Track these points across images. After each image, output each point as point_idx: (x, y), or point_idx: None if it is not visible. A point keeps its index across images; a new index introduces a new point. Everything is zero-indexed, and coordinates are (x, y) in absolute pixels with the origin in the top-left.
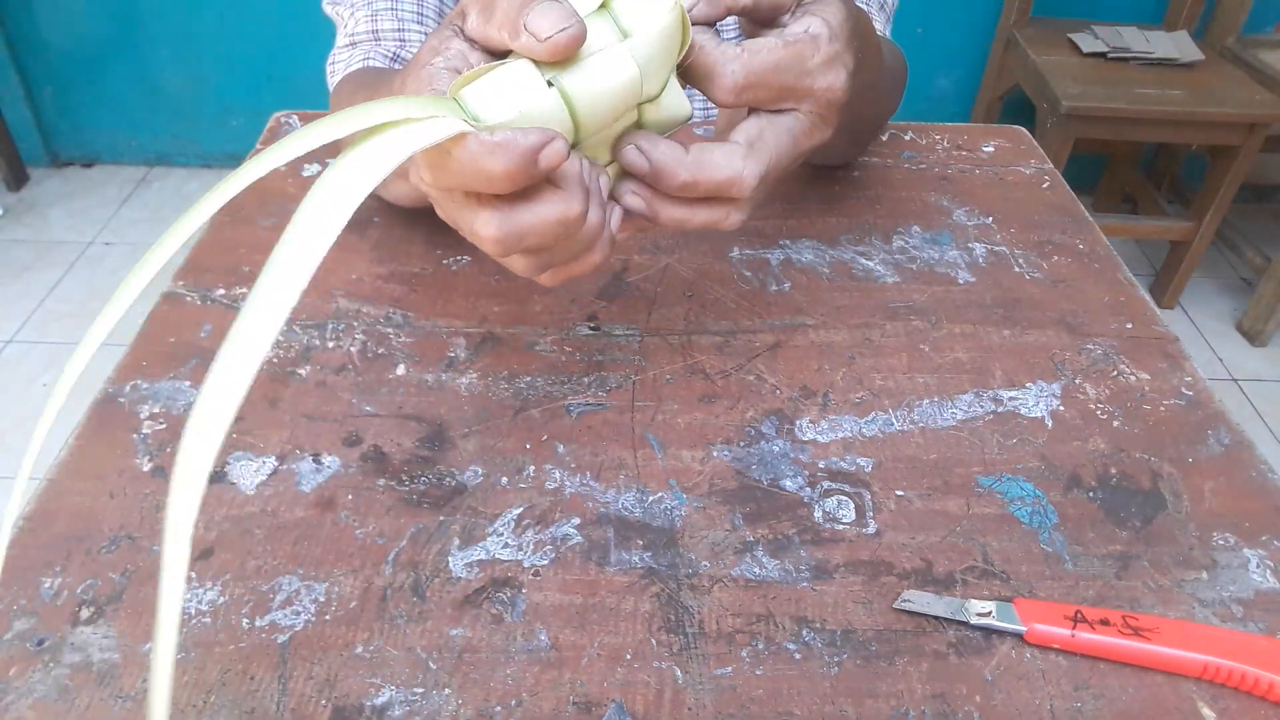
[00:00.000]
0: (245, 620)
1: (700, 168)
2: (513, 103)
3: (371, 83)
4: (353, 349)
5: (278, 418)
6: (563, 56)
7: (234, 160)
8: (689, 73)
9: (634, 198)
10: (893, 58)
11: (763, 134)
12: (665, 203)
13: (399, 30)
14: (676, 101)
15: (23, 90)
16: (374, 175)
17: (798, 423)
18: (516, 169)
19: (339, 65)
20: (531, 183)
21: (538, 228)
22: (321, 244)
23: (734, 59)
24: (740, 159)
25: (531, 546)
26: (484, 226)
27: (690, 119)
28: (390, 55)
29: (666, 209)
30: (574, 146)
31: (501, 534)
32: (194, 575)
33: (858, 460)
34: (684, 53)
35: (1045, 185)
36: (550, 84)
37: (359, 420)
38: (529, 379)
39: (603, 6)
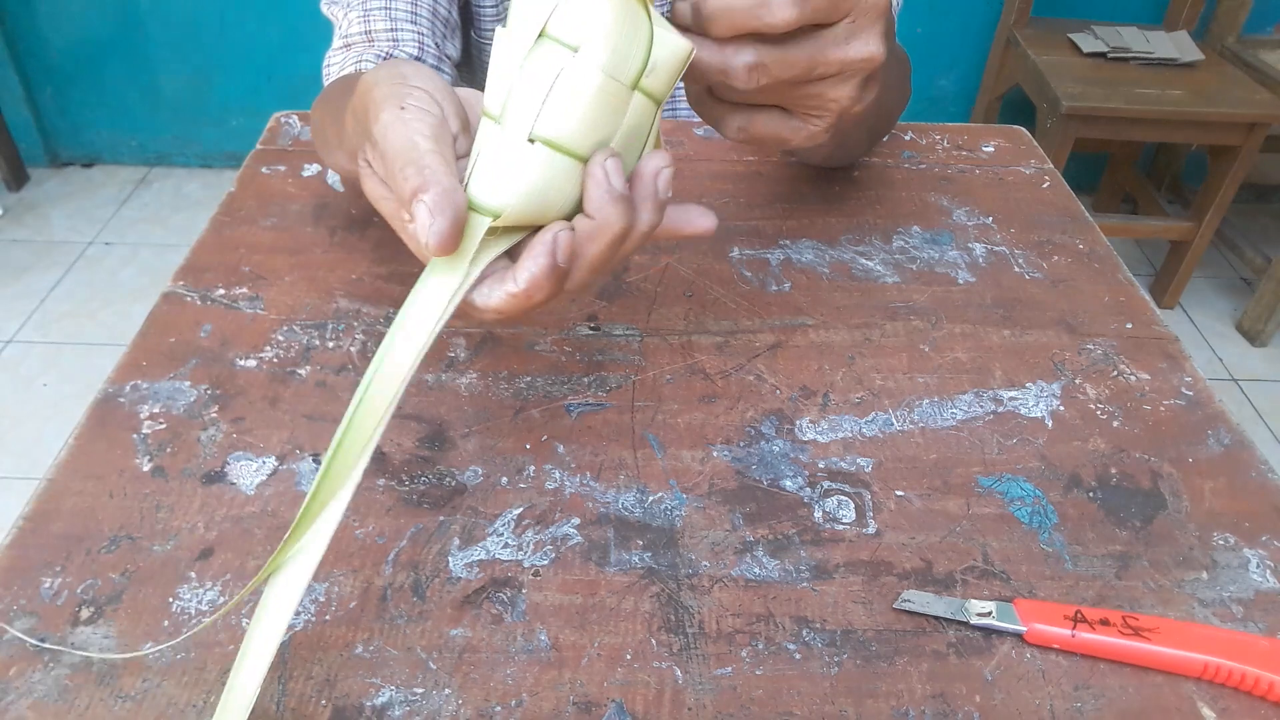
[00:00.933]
0: (245, 620)
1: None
2: (509, 184)
3: (342, 93)
4: (353, 349)
5: (278, 418)
6: (449, 253)
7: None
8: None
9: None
10: (899, 52)
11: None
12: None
13: (392, 30)
14: (669, 52)
15: (23, 90)
16: (415, 360)
17: (798, 423)
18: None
19: (333, 68)
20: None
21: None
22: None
23: None
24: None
25: (531, 546)
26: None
27: (692, 53)
28: (383, 55)
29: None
30: (592, 158)
31: (501, 534)
32: (194, 575)
33: (858, 460)
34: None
35: (1045, 185)
36: (531, 140)
37: None
38: (529, 379)
39: (543, 35)
